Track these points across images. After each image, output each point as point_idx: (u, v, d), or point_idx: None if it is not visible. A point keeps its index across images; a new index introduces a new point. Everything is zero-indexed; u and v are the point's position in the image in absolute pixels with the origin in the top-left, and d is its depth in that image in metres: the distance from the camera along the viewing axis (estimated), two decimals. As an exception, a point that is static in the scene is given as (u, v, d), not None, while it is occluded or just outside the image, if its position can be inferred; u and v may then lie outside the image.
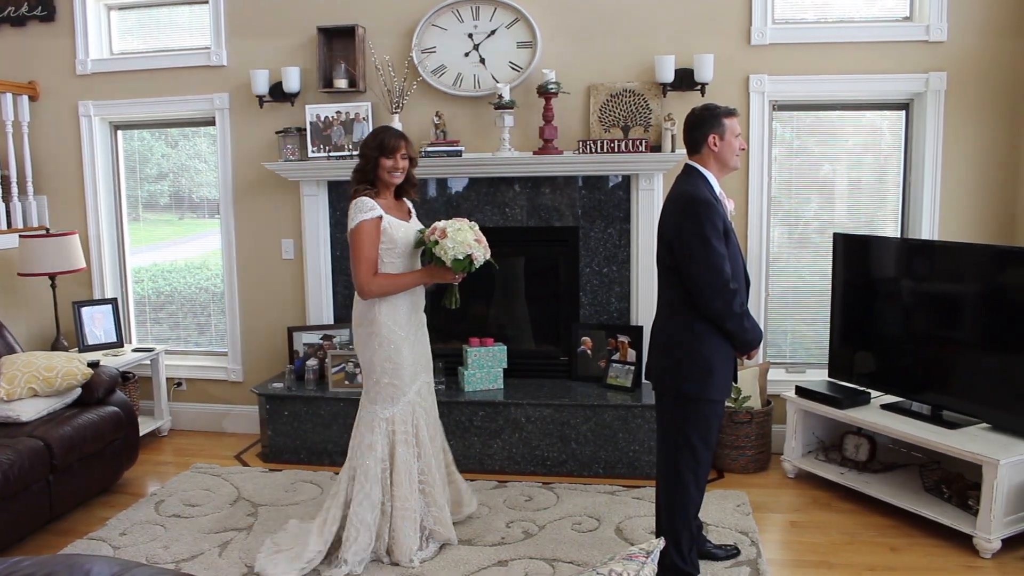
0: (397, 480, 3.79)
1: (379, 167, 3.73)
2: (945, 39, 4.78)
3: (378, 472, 3.78)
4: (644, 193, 5.00)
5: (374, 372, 3.80)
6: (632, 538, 4.02)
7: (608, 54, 5.05)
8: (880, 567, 3.80)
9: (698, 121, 3.40)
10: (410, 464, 3.82)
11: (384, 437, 3.81)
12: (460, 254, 3.64)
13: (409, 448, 3.83)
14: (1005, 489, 3.80)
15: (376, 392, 3.82)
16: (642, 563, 1.93)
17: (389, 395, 3.81)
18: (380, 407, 3.81)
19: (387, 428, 3.81)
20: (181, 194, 5.92)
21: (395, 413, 3.82)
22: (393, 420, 3.81)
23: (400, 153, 3.75)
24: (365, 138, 3.84)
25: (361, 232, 3.67)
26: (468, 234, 3.69)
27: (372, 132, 3.86)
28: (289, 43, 5.36)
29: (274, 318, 5.62)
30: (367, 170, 3.76)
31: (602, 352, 5.15)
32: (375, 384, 3.81)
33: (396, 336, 3.78)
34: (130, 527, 4.25)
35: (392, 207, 3.82)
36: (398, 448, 3.80)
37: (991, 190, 4.86)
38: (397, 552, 3.77)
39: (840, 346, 4.81)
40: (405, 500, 3.79)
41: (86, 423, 4.41)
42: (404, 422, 3.83)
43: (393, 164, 3.74)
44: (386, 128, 3.83)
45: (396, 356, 3.78)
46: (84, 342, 5.50)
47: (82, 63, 5.61)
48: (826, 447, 4.85)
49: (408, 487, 3.80)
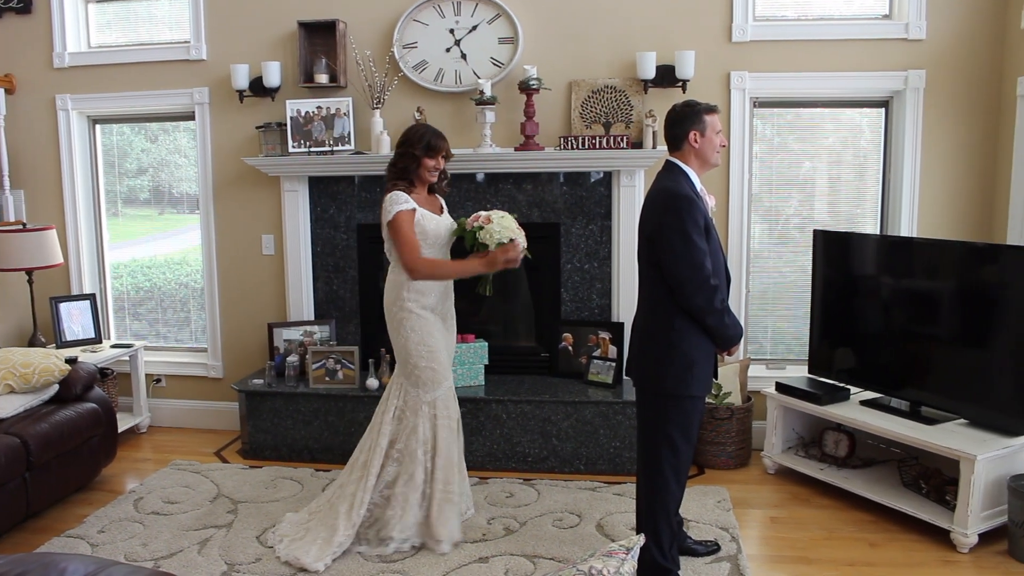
0: (440, 463, 3.88)
1: (421, 166, 3.86)
2: (924, 37, 4.81)
3: (420, 455, 3.86)
4: (625, 189, 5.01)
5: (411, 357, 3.89)
6: (613, 534, 4.03)
7: (589, 50, 5.04)
8: (859, 562, 3.82)
9: (679, 117, 3.40)
10: (451, 448, 3.92)
11: (427, 420, 3.89)
12: (505, 238, 3.80)
13: (452, 433, 3.94)
14: (982, 484, 3.83)
15: (417, 376, 3.89)
16: (622, 560, 1.93)
17: (430, 379, 3.89)
18: (423, 391, 3.90)
19: (429, 412, 3.90)
20: (161, 189, 5.88)
21: (437, 397, 3.91)
22: (435, 404, 3.90)
23: (442, 154, 3.89)
24: (407, 137, 3.90)
25: (400, 220, 3.78)
26: (511, 220, 3.87)
27: (414, 132, 3.91)
28: (269, 37, 5.32)
29: (254, 314, 5.59)
30: (409, 168, 3.86)
31: (583, 348, 5.16)
32: (414, 369, 3.89)
33: (426, 320, 3.89)
34: (108, 524, 4.22)
35: (425, 202, 3.93)
36: (441, 432, 3.90)
37: (969, 187, 4.89)
38: (442, 535, 3.84)
39: (820, 342, 4.83)
40: (448, 483, 3.89)
41: (63, 420, 4.37)
42: (446, 407, 3.93)
43: (435, 164, 3.90)
44: (427, 127, 3.97)
45: (429, 339, 3.88)
46: (62, 338, 5.45)
47: (59, 56, 5.55)
48: (806, 443, 4.88)
49: (450, 471, 3.90)
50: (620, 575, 1.88)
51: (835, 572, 3.74)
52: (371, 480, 3.89)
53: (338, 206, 5.35)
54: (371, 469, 3.91)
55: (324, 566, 3.72)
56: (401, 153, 3.88)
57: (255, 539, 4.04)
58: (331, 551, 3.78)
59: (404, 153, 3.86)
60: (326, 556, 3.76)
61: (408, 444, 3.89)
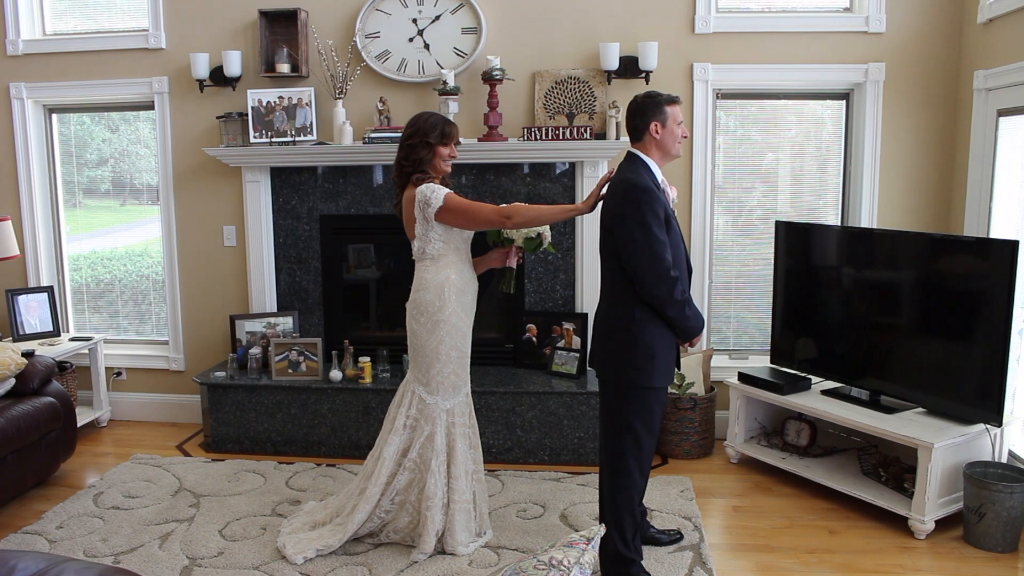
0: (455, 473, 3.76)
1: (437, 155, 3.67)
2: (884, 30, 4.86)
3: (435, 465, 3.73)
4: (589, 180, 5.01)
5: (438, 362, 3.73)
6: (577, 524, 4.05)
7: (553, 41, 5.04)
8: (819, 549, 3.87)
9: (640, 109, 3.40)
10: (466, 457, 3.81)
11: (443, 429, 3.76)
12: (533, 232, 3.75)
13: (466, 440, 3.82)
14: (939, 472, 3.89)
15: (439, 383, 3.74)
16: (583, 550, 1.94)
17: (452, 385, 3.76)
18: (442, 398, 3.76)
19: (447, 420, 3.77)
20: (122, 180, 5.79)
21: (456, 405, 3.79)
22: (453, 412, 3.78)
23: (455, 141, 3.73)
24: (419, 127, 3.66)
25: (453, 200, 3.60)
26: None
27: (425, 122, 3.67)
28: (230, 26, 5.26)
29: (216, 306, 5.54)
30: (423, 160, 3.66)
31: (547, 339, 5.16)
32: (438, 374, 3.74)
33: (463, 324, 3.76)
34: (67, 520, 4.17)
35: None
36: (457, 441, 3.77)
37: (928, 179, 4.95)
38: (451, 542, 3.74)
39: (782, 333, 4.87)
40: (462, 493, 3.77)
41: (20, 414, 4.30)
42: (463, 414, 3.82)
43: (450, 152, 3.71)
44: (435, 114, 3.74)
45: (463, 345, 3.77)
46: (19, 331, 5.36)
47: (13, 43, 5.44)
48: (768, 432, 4.93)
49: (464, 480, 3.78)
50: (580, 565, 1.88)
51: (796, 559, 3.78)
52: (373, 491, 3.78)
53: (300, 197, 5.31)
54: (373, 481, 3.79)
55: (303, 559, 3.70)
56: (414, 144, 3.65)
57: (217, 533, 4.01)
58: (314, 548, 3.74)
59: (418, 144, 3.64)
60: (308, 551, 3.72)
61: (423, 454, 3.76)
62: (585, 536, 1.99)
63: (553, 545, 1.99)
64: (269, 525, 4.07)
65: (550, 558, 1.91)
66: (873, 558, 3.78)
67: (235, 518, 4.16)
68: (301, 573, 3.62)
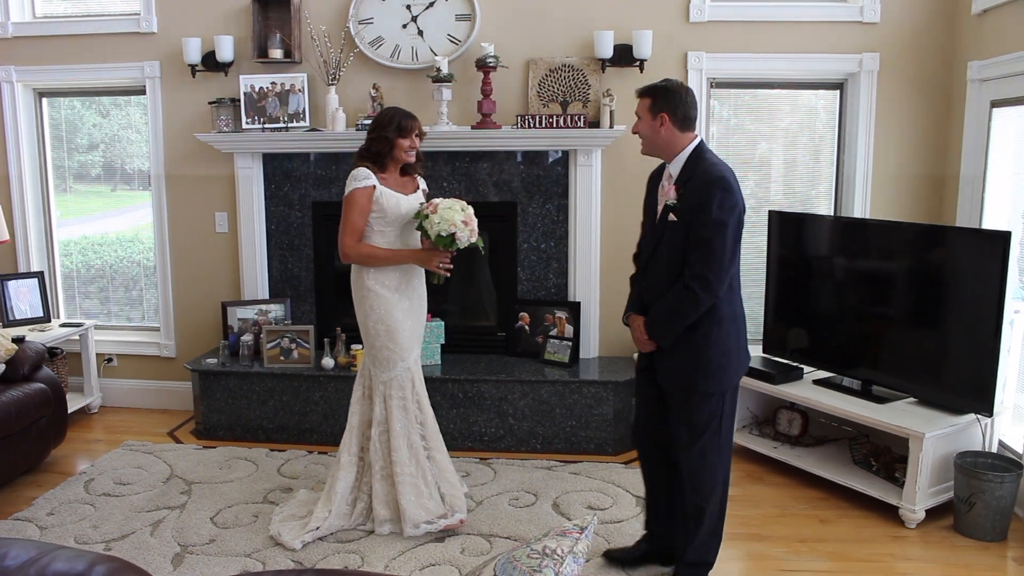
0: (395, 445, 3.84)
1: (396, 147, 3.77)
2: (878, 20, 4.85)
3: (375, 435, 3.86)
4: (582, 169, 5.00)
5: (369, 335, 3.87)
6: (569, 513, 4.05)
7: (547, 28, 5.02)
8: (810, 538, 3.88)
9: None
10: (408, 430, 3.87)
11: (381, 400, 3.87)
12: (444, 231, 3.65)
13: (406, 413, 3.88)
14: (930, 462, 3.91)
15: (373, 356, 3.87)
16: (576, 539, 1.95)
17: (385, 358, 3.84)
18: (380, 371, 3.86)
19: (383, 391, 3.86)
20: (113, 165, 5.76)
21: (392, 377, 3.85)
22: (390, 384, 3.86)
23: (415, 133, 3.81)
24: (378, 122, 3.80)
25: (352, 200, 3.73)
26: (456, 214, 3.68)
27: (384, 116, 3.82)
28: (222, 11, 5.22)
29: (208, 292, 5.51)
30: (382, 152, 3.78)
31: (540, 328, 5.16)
32: (371, 348, 3.88)
33: (386, 300, 3.82)
34: (58, 507, 4.16)
35: (398, 183, 3.85)
36: (394, 413, 3.85)
37: (921, 170, 4.96)
38: (403, 520, 3.81)
39: (774, 322, 4.88)
40: (404, 466, 3.83)
41: (10, 400, 4.28)
42: (401, 387, 3.87)
43: (410, 143, 3.80)
44: (396, 108, 3.87)
45: (388, 319, 3.82)
46: (9, 317, 5.33)
47: (2, 26, 5.38)
48: (760, 422, 4.94)
49: (406, 453, 3.85)
50: (574, 554, 1.89)
51: (787, 548, 3.80)
52: (344, 463, 3.91)
53: (293, 184, 5.28)
54: (343, 454, 3.93)
55: (301, 543, 3.74)
56: (374, 138, 3.78)
57: (209, 520, 4.00)
58: (310, 532, 3.78)
59: (377, 137, 3.77)
60: (305, 535, 3.77)
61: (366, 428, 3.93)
62: (579, 525, 2.00)
63: (547, 534, 2.00)
64: (261, 512, 4.07)
65: (543, 547, 1.92)
66: (864, 547, 3.80)
67: (227, 505, 4.16)
68: (293, 560, 3.62)
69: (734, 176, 3.15)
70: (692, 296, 3.11)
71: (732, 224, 3.08)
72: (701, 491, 3.30)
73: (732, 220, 3.08)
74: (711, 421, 3.26)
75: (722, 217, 3.06)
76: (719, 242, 3.07)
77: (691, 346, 3.21)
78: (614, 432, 4.81)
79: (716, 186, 3.08)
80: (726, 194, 3.07)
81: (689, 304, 3.13)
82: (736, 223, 3.10)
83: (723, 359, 3.22)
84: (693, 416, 3.26)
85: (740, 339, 3.28)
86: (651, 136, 3.24)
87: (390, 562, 3.61)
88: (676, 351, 3.25)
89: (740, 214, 3.12)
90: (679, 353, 3.24)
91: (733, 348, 3.24)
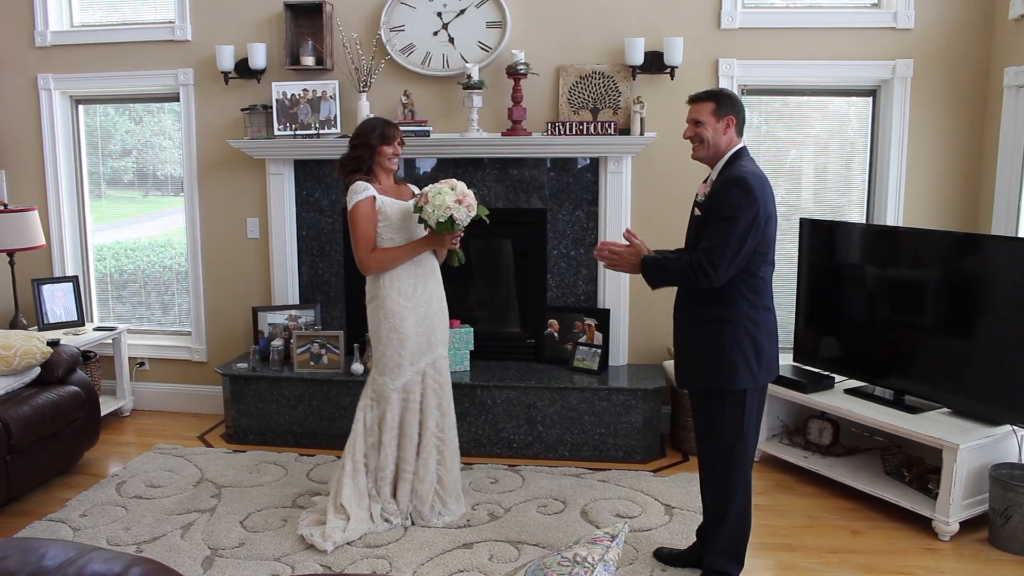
0: (404, 443, 3.98)
1: (380, 154, 3.89)
2: (912, 26, 4.81)
3: (388, 440, 3.96)
4: (613, 176, 4.99)
5: (380, 344, 3.95)
6: (598, 521, 4.04)
7: (578, 35, 5.02)
8: (841, 550, 3.84)
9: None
10: (415, 431, 3.99)
11: (395, 407, 3.95)
12: (442, 217, 3.70)
13: (415, 416, 3.98)
14: (964, 473, 3.85)
15: (384, 364, 3.95)
16: (607, 547, 1.93)
17: (396, 365, 3.92)
18: (389, 379, 3.94)
19: (397, 399, 3.95)
20: (146, 171, 5.83)
21: (403, 384, 3.95)
22: (402, 390, 3.95)
23: (398, 140, 3.92)
24: (360, 131, 3.93)
25: (357, 213, 3.83)
26: (447, 196, 3.71)
27: (366, 125, 3.95)
28: (255, 19, 5.27)
29: (239, 298, 5.56)
30: (364, 159, 3.89)
31: (569, 335, 5.15)
32: (381, 356, 3.95)
33: (400, 307, 3.90)
34: (91, 508, 4.20)
35: (392, 191, 3.97)
36: (407, 416, 3.97)
37: (955, 177, 4.91)
38: (422, 513, 4.01)
39: (805, 331, 4.84)
40: (409, 464, 3.99)
41: (45, 403, 4.34)
42: (412, 391, 3.97)
43: (393, 151, 3.92)
44: (377, 119, 4.01)
45: (401, 327, 3.90)
46: (44, 320, 5.41)
47: (41, 35, 5.48)
48: (790, 431, 4.90)
49: (411, 451, 3.98)
50: (605, 562, 1.87)
51: (818, 559, 3.76)
52: (347, 468, 3.98)
53: (323, 190, 5.32)
54: (345, 459, 4.01)
55: (332, 545, 3.77)
56: (355, 145, 3.91)
57: (239, 523, 4.03)
58: (340, 533, 3.82)
59: (359, 144, 3.89)
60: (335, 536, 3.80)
61: (380, 430, 3.98)
62: (609, 533, 1.99)
63: (577, 542, 1.98)
64: (290, 517, 4.09)
65: (574, 555, 1.90)
66: (896, 559, 3.76)
67: (256, 509, 4.19)
68: (322, 565, 3.64)
69: (762, 182, 3.18)
70: (690, 269, 3.17)
71: (744, 221, 3.11)
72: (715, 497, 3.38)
73: (745, 217, 3.11)
74: (718, 423, 3.30)
75: (734, 212, 3.11)
76: (726, 233, 3.11)
77: (701, 343, 3.29)
78: (643, 440, 4.79)
79: (735, 184, 3.15)
80: (743, 192, 3.12)
81: (684, 272, 3.20)
82: (749, 222, 3.12)
83: (734, 360, 3.23)
84: (699, 416, 3.36)
85: (759, 344, 3.27)
86: (715, 139, 3.28)
87: (419, 567, 3.61)
88: (688, 348, 3.35)
89: (757, 216, 3.13)
90: (691, 351, 3.34)
91: (750, 352, 3.24)
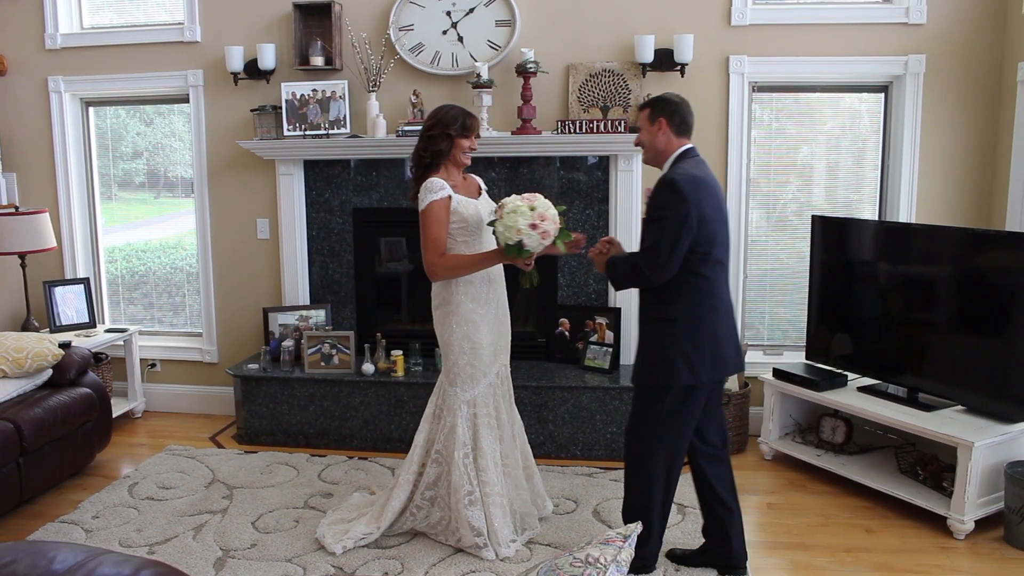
0: (482, 465, 3.69)
1: (456, 147, 3.62)
2: (924, 22, 4.77)
3: (459, 457, 3.68)
4: (623, 174, 4.98)
5: (452, 352, 3.70)
6: (610, 520, 4.02)
7: (587, 33, 5.00)
8: (855, 548, 3.82)
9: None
10: (494, 448, 3.75)
11: (467, 421, 3.71)
12: (511, 240, 3.38)
13: (492, 431, 3.75)
14: (979, 471, 3.82)
15: (456, 374, 3.71)
16: (619, 547, 1.92)
17: (469, 376, 3.69)
18: (460, 389, 3.71)
19: (469, 411, 3.72)
20: (156, 173, 5.84)
21: (476, 395, 3.72)
22: (475, 403, 3.72)
23: (475, 134, 3.68)
24: (439, 119, 3.62)
25: (431, 213, 3.55)
26: (521, 218, 3.35)
27: (447, 113, 3.63)
28: (264, 19, 5.27)
29: (249, 299, 5.57)
30: (442, 152, 3.62)
31: (580, 334, 5.14)
32: (454, 365, 3.71)
33: (474, 315, 3.68)
34: (103, 510, 4.21)
35: (462, 186, 3.71)
36: (481, 431, 3.71)
37: (968, 173, 4.87)
38: (493, 540, 3.68)
39: (817, 328, 4.81)
40: (493, 486, 3.69)
41: (57, 405, 4.35)
42: (486, 404, 3.74)
43: (470, 144, 3.66)
44: (456, 106, 3.70)
45: (475, 335, 3.68)
46: (55, 322, 5.42)
47: (51, 37, 5.49)
48: (803, 429, 4.87)
49: (494, 472, 3.71)
50: (617, 563, 1.86)
51: (832, 558, 3.74)
52: (404, 478, 3.82)
53: (333, 190, 5.32)
54: (405, 469, 3.84)
55: (342, 549, 3.72)
56: (433, 136, 3.59)
57: (250, 524, 4.03)
58: (352, 538, 3.76)
59: (438, 135, 3.58)
60: (346, 540, 3.75)
61: (447, 445, 3.73)
62: (622, 534, 1.98)
63: (589, 542, 1.97)
64: (302, 517, 4.09)
65: (586, 555, 1.89)
66: (911, 558, 3.73)
67: (268, 510, 4.18)
68: (334, 566, 3.63)
69: (696, 183, 3.18)
70: (631, 269, 3.27)
71: (674, 222, 3.13)
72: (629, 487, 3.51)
73: (674, 218, 3.13)
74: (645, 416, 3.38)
75: (663, 213, 3.16)
76: (657, 233, 3.17)
77: (642, 340, 3.41)
78: (655, 439, 4.77)
79: (665, 185, 3.20)
80: (672, 193, 3.16)
81: (628, 272, 3.30)
82: (680, 223, 3.13)
83: (671, 358, 3.26)
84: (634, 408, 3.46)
85: (700, 343, 3.26)
86: (650, 141, 3.36)
87: (430, 568, 3.61)
88: (639, 345, 3.45)
89: (688, 216, 3.12)
90: (639, 348, 3.44)
91: (690, 350, 3.24)
